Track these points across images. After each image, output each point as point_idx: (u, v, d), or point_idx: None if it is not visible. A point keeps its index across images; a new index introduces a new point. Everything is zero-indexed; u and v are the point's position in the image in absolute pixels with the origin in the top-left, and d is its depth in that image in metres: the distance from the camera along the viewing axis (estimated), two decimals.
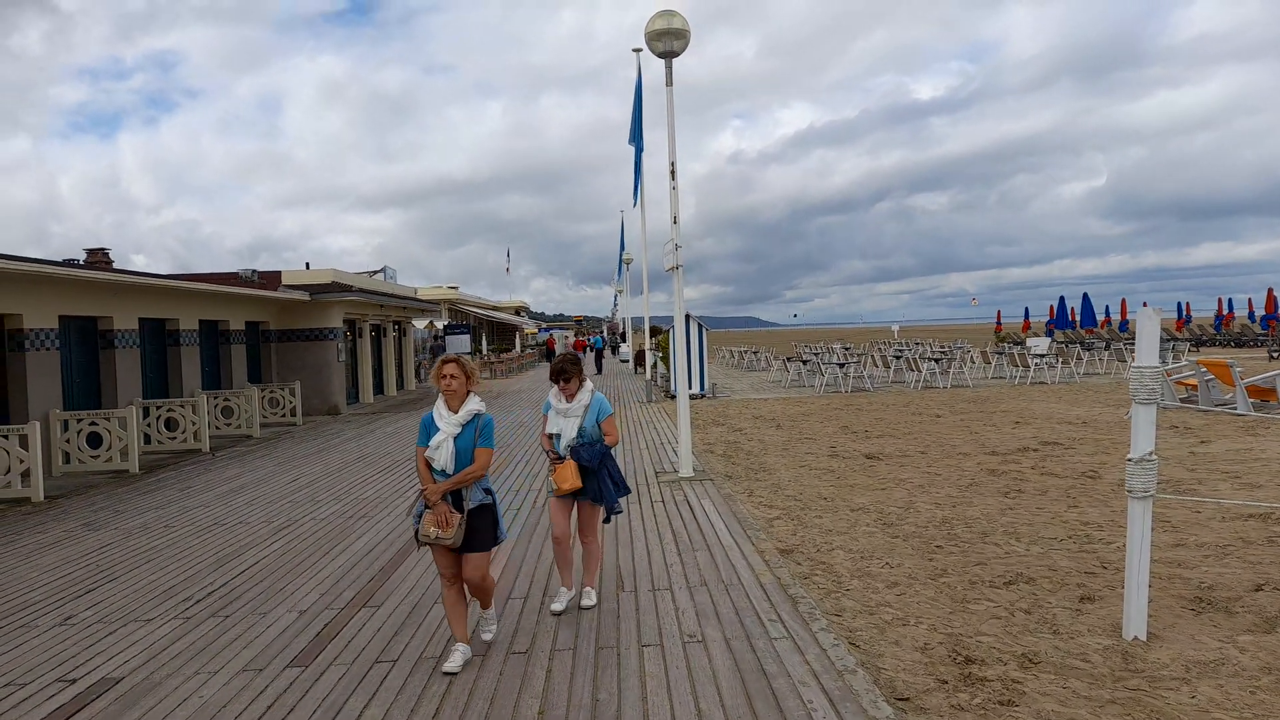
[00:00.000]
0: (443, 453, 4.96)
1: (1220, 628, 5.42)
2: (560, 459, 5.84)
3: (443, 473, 4.99)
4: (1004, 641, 5.32)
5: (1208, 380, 16.08)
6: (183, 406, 15.53)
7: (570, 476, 5.76)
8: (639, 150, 22.08)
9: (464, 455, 4.97)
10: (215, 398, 17.92)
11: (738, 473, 11.36)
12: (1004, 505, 8.98)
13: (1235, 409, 15.52)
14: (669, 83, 10.73)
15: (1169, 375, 17.16)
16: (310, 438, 17.46)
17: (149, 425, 15.42)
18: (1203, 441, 12.66)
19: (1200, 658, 4.97)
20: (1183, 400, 17.01)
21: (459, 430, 5.00)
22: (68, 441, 13.15)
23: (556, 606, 5.89)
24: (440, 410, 5.07)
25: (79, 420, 13.21)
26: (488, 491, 5.16)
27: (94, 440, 13.27)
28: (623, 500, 6.16)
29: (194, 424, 15.42)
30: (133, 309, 15.75)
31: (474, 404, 5.10)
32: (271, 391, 20.35)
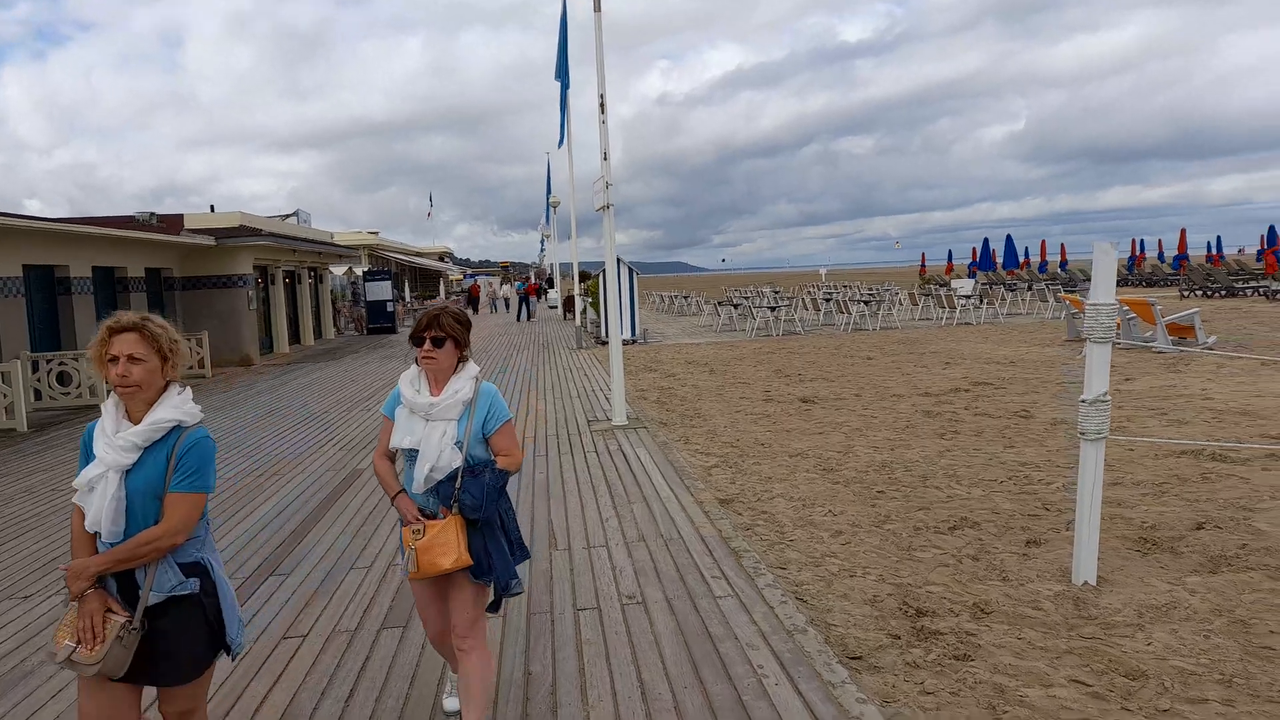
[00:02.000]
0: (97, 501, 2.68)
1: (1168, 569, 5.31)
2: (424, 515, 3.25)
3: (104, 540, 2.71)
4: (954, 591, 5.12)
5: (1129, 318, 16.36)
6: (75, 359, 14.44)
7: (447, 546, 3.16)
8: (565, 87, 21.22)
9: (139, 506, 2.68)
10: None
11: (672, 420, 11.05)
12: (941, 447, 8.86)
13: (1156, 345, 15.84)
14: (597, 8, 10.07)
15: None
16: (219, 390, 16.53)
17: (38, 380, 14.32)
18: (1126, 379, 12.82)
19: (1151, 601, 4.83)
20: None
21: (135, 457, 2.69)
22: None
23: (450, 705, 3.78)
24: (106, 422, 2.77)
25: None
26: (194, 569, 2.78)
27: None
28: (553, 450, 5.27)
29: (90, 377, 14.36)
30: (14, 255, 14.49)
31: (172, 408, 2.75)
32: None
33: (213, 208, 22.65)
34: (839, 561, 5.62)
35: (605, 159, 10.09)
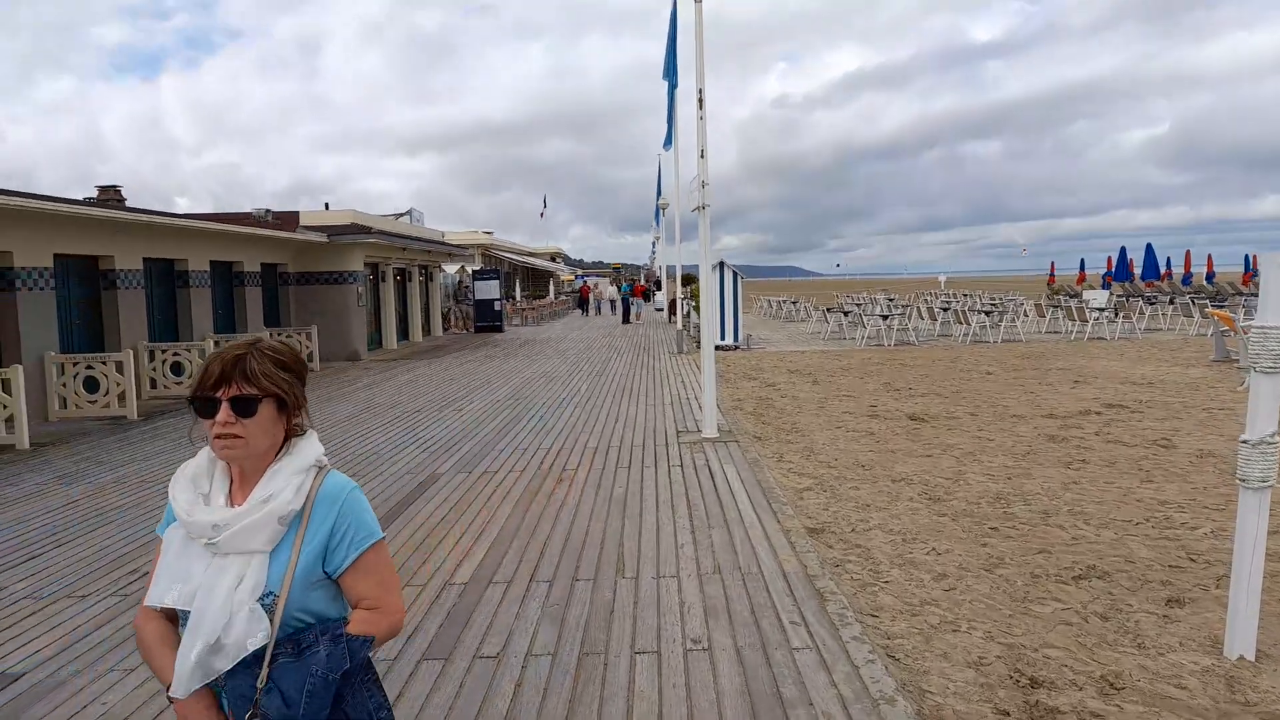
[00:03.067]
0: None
1: None
2: None
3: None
4: (1077, 657, 4.36)
5: None
6: (188, 350, 14.89)
7: None
8: (673, 86, 20.76)
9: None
10: (226, 342, 17.28)
11: (768, 433, 10.41)
12: (1067, 478, 7.93)
13: None
14: None
15: (1245, 333, 15.75)
16: (323, 385, 16.80)
17: (154, 370, 14.83)
18: None
19: None
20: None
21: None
22: (64, 385, 12.56)
23: None
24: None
25: (74, 364, 12.60)
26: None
27: (91, 385, 12.68)
28: (636, 461, 4.34)
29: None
30: (136, 248, 15.06)
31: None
32: (288, 335, 19.71)
33: (327, 205, 23.25)
34: (940, 612, 4.92)
35: (702, 157, 9.56)
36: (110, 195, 19.46)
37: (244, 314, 19.27)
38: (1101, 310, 23.88)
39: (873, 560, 5.79)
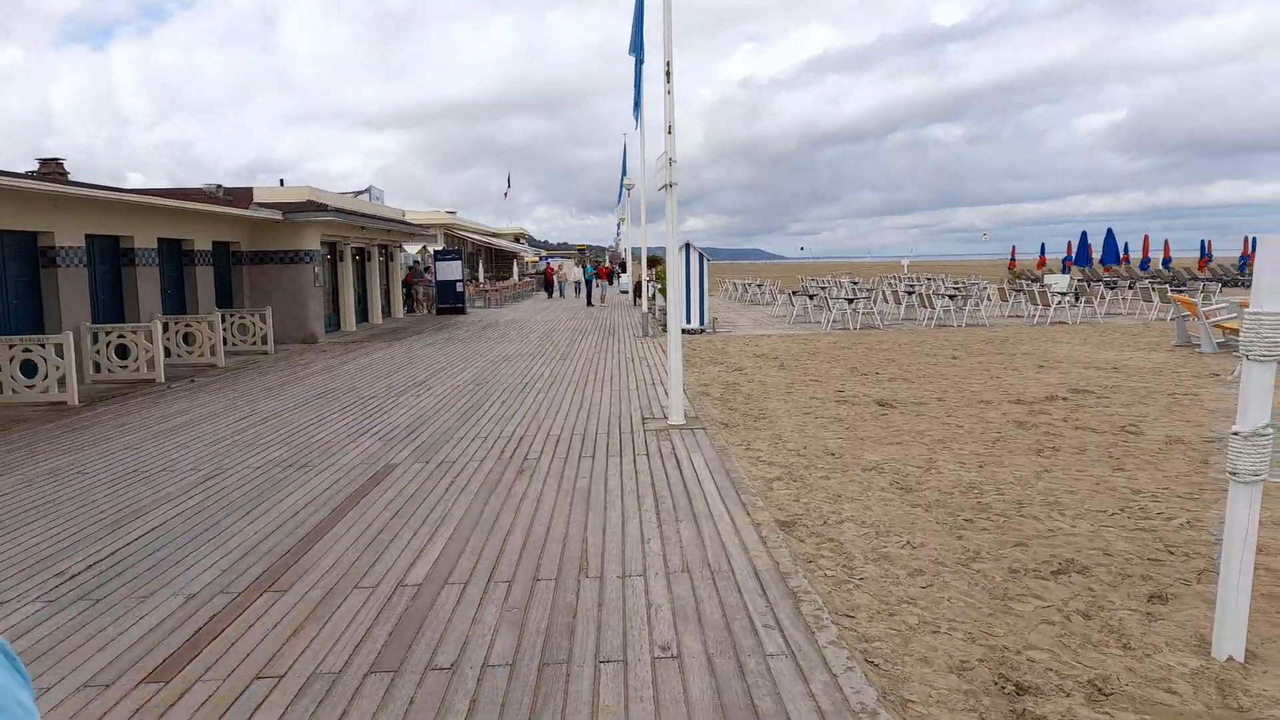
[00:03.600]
0: None
1: None
2: None
3: None
4: (1062, 660, 4.17)
5: None
6: (135, 333, 14.29)
7: None
8: (639, 62, 20.35)
9: None
10: (176, 323, 16.67)
11: (735, 420, 10.17)
12: (1039, 466, 7.79)
13: None
14: None
15: (1206, 318, 15.85)
16: (277, 368, 16.27)
17: (98, 352, 14.21)
18: None
19: None
20: (1220, 345, 15.72)
21: None
22: None
23: None
24: None
25: (10, 346, 11.98)
26: None
27: (28, 369, 12.08)
28: (600, 449, 4.15)
29: (148, 351, 14.20)
30: (78, 224, 14.39)
31: None
32: (241, 317, 19.10)
33: (282, 182, 22.54)
34: (918, 611, 4.71)
35: (669, 132, 9.23)
36: (52, 169, 18.63)
37: (194, 294, 18.59)
38: (1063, 295, 24.01)
39: (846, 555, 5.57)
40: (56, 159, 18.91)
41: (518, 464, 8.03)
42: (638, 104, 21.99)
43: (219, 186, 19.54)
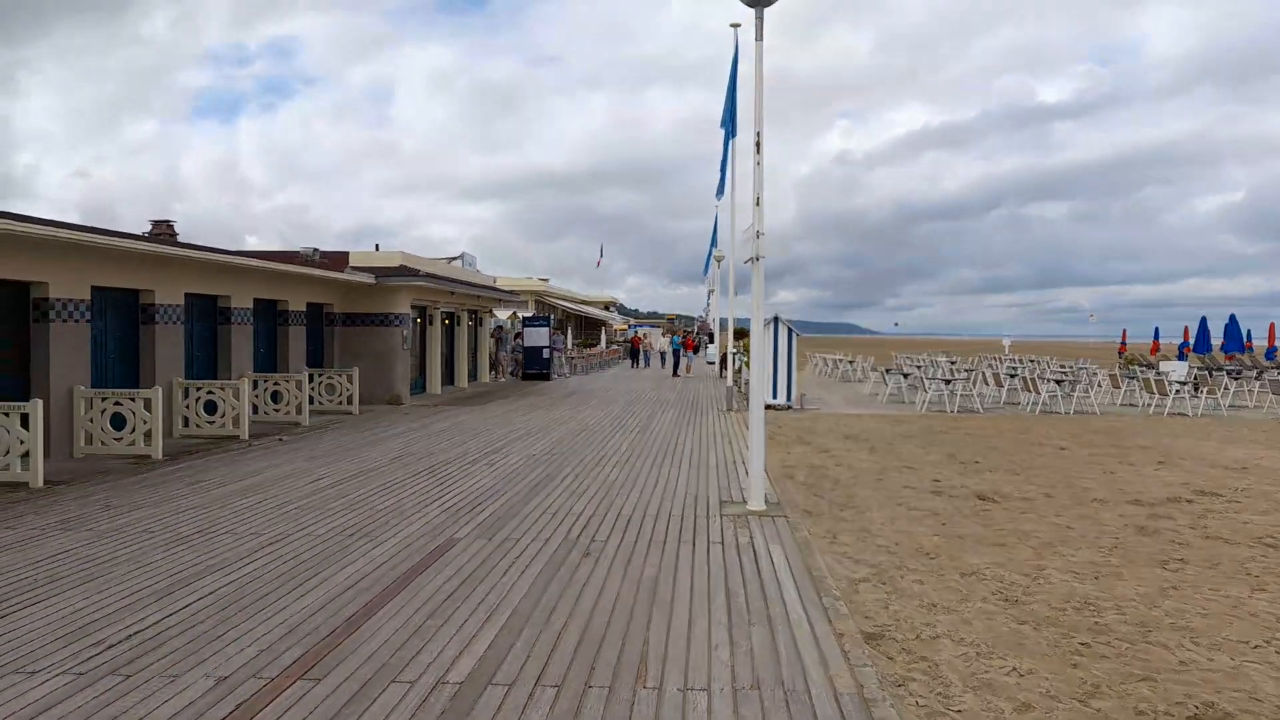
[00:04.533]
0: None
1: None
2: None
3: None
4: None
5: None
6: (223, 389, 14.55)
7: None
8: (729, 135, 20.33)
9: None
10: (265, 381, 16.99)
11: (820, 508, 9.51)
12: (1164, 582, 6.90)
13: None
14: (759, 36, 8.96)
15: None
16: (359, 429, 16.33)
17: (187, 408, 14.50)
18: None
19: None
20: None
21: None
22: (90, 421, 12.24)
23: None
24: None
25: (103, 399, 12.28)
26: None
27: (118, 421, 12.33)
28: (673, 535, 3.76)
29: (234, 408, 14.42)
30: (178, 283, 14.87)
31: None
32: (329, 378, 19.39)
33: (377, 246, 23.14)
34: None
35: (758, 204, 8.87)
36: (162, 230, 19.52)
37: (286, 353, 19.00)
38: (1182, 384, 22.43)
39: (941, 679, 4.88)
40: (168, 221, 19.85)
41: (584, 546, 7.57)
42: (724, 177, 21.91)
43: (315, 250, 20.13)
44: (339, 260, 20.68)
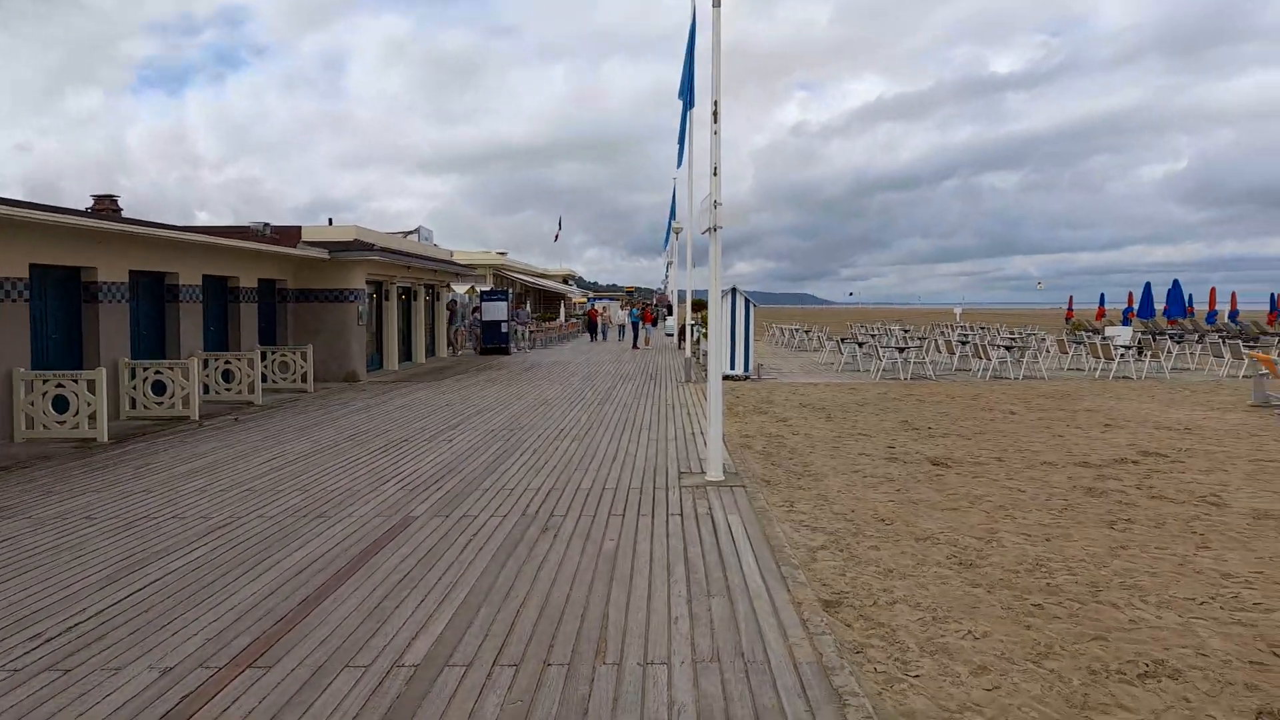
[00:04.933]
0: None
1: None
2: None
3: None
4: None
5: None
6: (171, 369, 14.17)
7: None
8: (688, 106, 20.11)
9: None
10: (216, 360, 16.58)
11: (777, 477, 9.56)
12: (1112, 541, 7.05)
13: None
14: (716, 3, 8.83)
15: None
16: (314, 408, 16.05)
17: (134, 388, 14.11)
18: None
19: None
20: None
21: None
22: (31, 404, 11.84)
23: None
24: None
25: (45, 381, 11.88)
26: None
27: (60, 404, 11.95)
28: (631, 507, 3.80)
29: (184, 388, 14.06)
30: (122, 260, 14.40)
31: None
32: (283, 355, 19.00)
33: (330, 221, 22.64)
34: None
35: (715, 174, 8.79)
36: (105, 205, 18.88)
37: (237, 331, 18.56)
38: (1126, 348, 22.94)
39: (899, 645, 4.93)
40: (111, 196, 19.18)
41: (542, 521, 7.51)
42: (682, 148, 21.72)
43: (266, 225, 19.62)
44: (292, 235, 20.19)
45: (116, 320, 14.33)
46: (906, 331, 34.58)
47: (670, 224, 38.48)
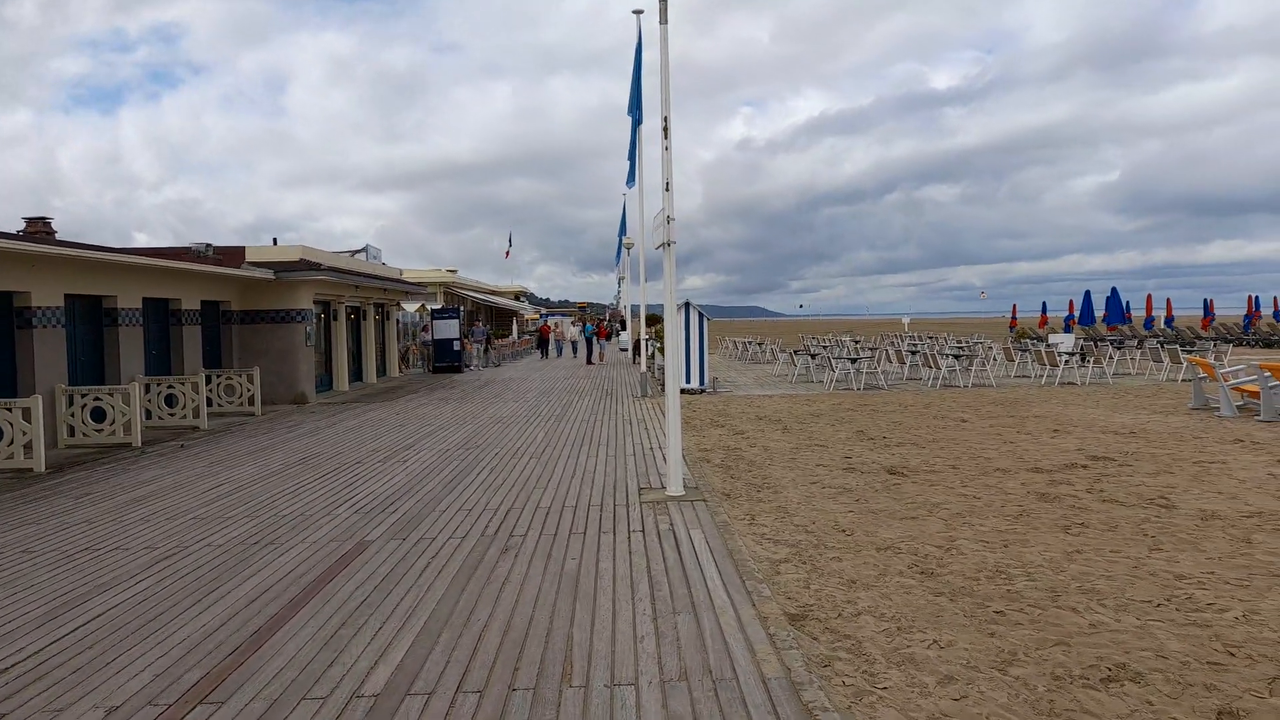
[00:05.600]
0: None
1: None
2: None
3: None
4: None
5: (1271, 387, 14.21)
6: (111, 395, 13.72)
7: None
8: (636, 123, 20.19)
9: None
10: (158, 384, 16.11)
11: (737, 490, 9.55)
12: (1068, 546, 7.16)
13: None
14: (663, 20, 8.86)
15: (1225, 380, 15.30)
16: (261, 431, 15.66)
17: (72, 415, 13.63)
18: (1278, 460, 10.82)
19: None
20: (1240, 409, 15.15)
21: None
22: None
23: None
24: None
25: None
26: None
27: None
28: (593, 525, 3.81)
29: (125, 414, 13.62)
30: (57, 284, 13.93)
31: None
32: (229, 378, 18.54)
33: (275, 240, 22.22)
34: None
35: (667, 190, 8.80)
36: (38, 228, 18.28)
37: (180, 355, 18.07)
38: (1070, 354, 23.49)
39: (866, 656, 4.92)
40: (43, 218, 18.60)
41: (502, 542, 7.39)
42: (633, 165, 21.79)
43: (208, 245, 19.17)
44: (235, 256, 19.75)
45: (52, 346, 13.84)
46: (858, 342, 35.02)
47: (621, 239, 38.54)
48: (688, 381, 20.98)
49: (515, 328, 66.46)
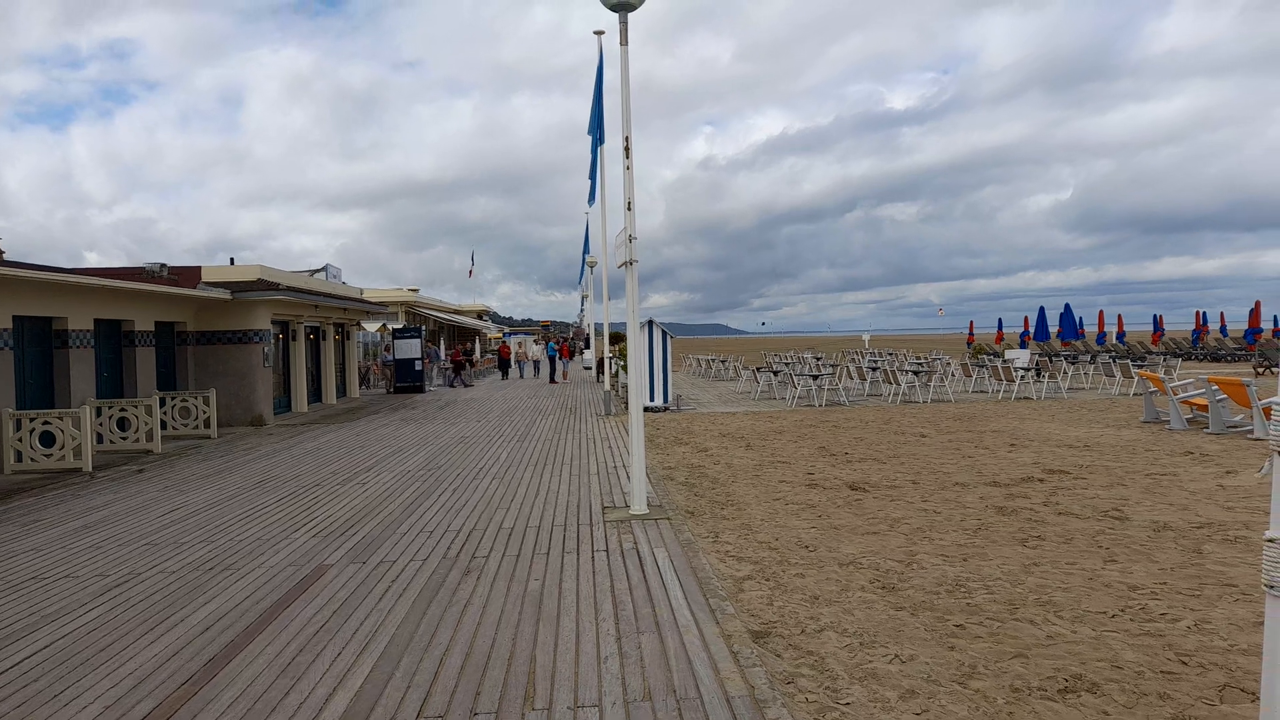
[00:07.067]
0: None
1: None
2: None
3: None
4: None
5: (1219, 400, 14.59)
6: (60, 418, 13.38)
7: None
8: (597, 142, 20.30)
9: None
10: (110, 407, 15.75)
11: (701, 508, 9.56)
12: (1026, 559, 7.26)
13: (1250, 432, 14.05)
14: (624, 41, 8.93)
15: (1175, 394, 15.68)
16: (217, 454, 15.37)
17: (19, 440, 13.27)
18: (1228, 472, 11.10)
19: None
20: (1190, 421, 15.52)
21: None
22: None
23: None
24: None
25: None
26: None
27: None
28: (556, 545, 3.77)
29: (75, 438, 13.29)
30: (5, 305, 13.59)
31: None
32: (184, 400, 18.18)
33: (232, 260, 21.92)
34: None
35: (629, 209, 8.84)
36: None
37: (134, 377, 17.69)
38: (1026, 370, 23.93)
39: (829, 673, 4.94)
40: None
41: (464, 564, 7.32)
42: (594, 184, 21.89)
43: (163, 266, 18.85)
44: (191, 276, 19.42)
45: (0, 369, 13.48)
46: (819, 359, 35.34)
47: (584, 258, 38.58)
48: (651, 399, 21.01)
49: (478, 346, 66.06)
